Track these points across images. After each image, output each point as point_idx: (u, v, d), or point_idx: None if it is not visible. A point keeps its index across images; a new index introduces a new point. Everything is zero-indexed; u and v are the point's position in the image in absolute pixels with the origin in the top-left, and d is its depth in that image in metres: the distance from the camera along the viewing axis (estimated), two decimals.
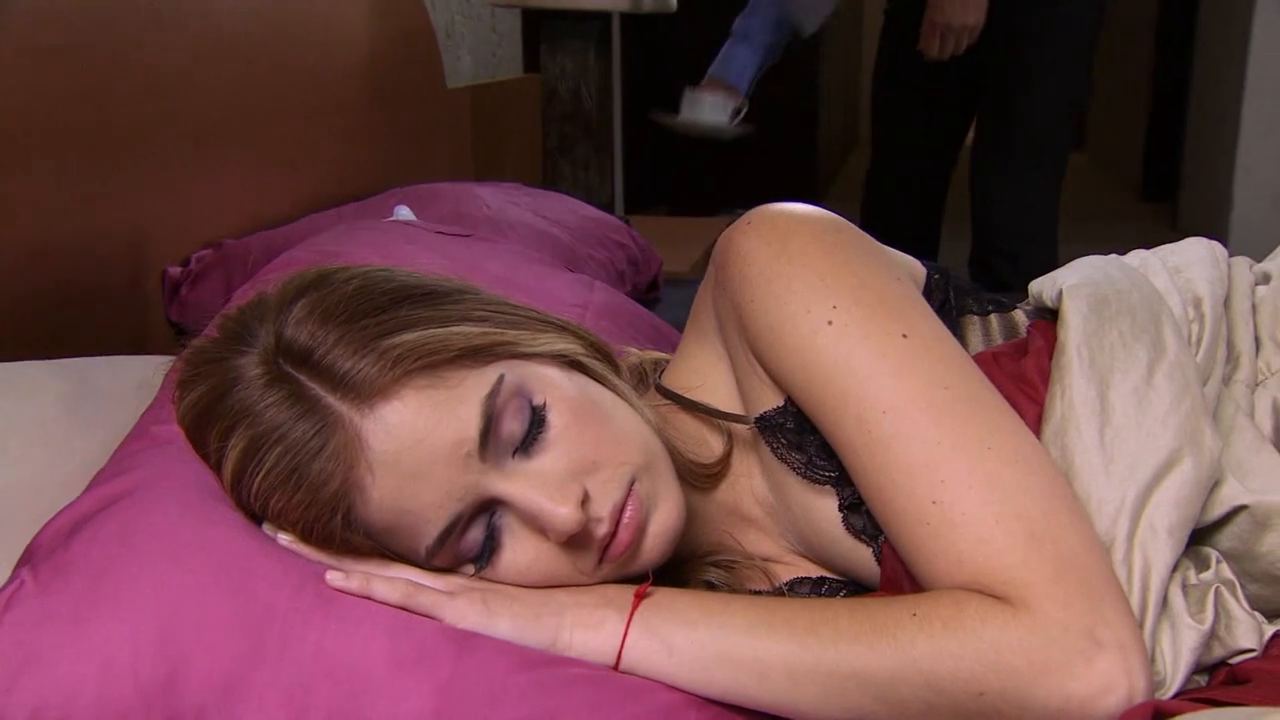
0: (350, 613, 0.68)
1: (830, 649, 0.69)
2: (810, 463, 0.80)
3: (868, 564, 0.80)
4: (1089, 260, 0.89)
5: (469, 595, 0.72)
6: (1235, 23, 3.90)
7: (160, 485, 0.73)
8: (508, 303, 0.79)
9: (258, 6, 1.66)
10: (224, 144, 1.55)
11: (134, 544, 0.68)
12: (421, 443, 0.69)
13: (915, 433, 0.72)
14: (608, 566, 0.74)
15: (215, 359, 0.73)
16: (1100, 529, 0.73)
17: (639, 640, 0.72)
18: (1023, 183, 2.25)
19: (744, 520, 0.86)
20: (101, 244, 1.33)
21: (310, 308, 0.71)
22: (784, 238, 0.78)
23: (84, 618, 0.64)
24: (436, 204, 1.64)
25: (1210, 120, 4.25)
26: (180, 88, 1.45)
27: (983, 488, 0.70)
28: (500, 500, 0.72)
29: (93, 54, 1.29)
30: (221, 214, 1.55)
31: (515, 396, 0.72)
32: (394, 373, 0.69)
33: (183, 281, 1.45)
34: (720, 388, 0.85)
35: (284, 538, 0.72)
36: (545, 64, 2.39)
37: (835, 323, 0.75)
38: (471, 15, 2.71)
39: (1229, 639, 0.72)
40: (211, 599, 0.66)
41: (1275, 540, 0.75)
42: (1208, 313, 0.83)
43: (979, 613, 0.67)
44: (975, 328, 0.87)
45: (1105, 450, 0.75)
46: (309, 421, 0.69)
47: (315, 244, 1.19)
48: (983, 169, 2.30)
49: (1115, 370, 0.77)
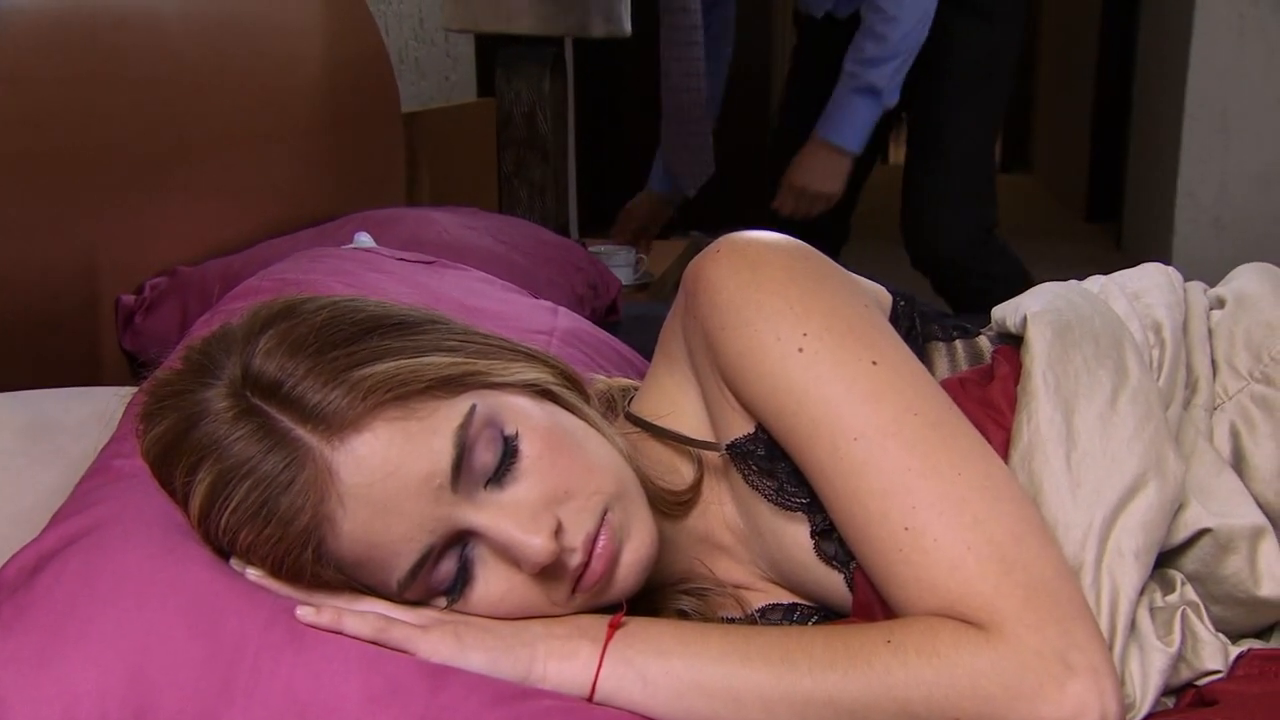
0: (321, 648, 0.67)
1: (805, 677, 0.69)
2: (781, 489, 0.80)
3: (840, 590, 0.81)
4: (1050, 287, 0.91)
5: (441, 628, 0.71)
6: (1174, 47, 4.00)
7: (125, 521, 0.72)
8: (477, 332, 0.79)
9: (211, 31, 1.64)
10: (177, 169, 1.53)
11: (99, 582, 0.67)
12: (393, 475, 0.68)
13: (886, 459, 0.72)
14: (581, 597, 0.74)
15: (180, 391, 0.72)
16: (1069, 553, 0.74)
17: (613, 671, 0.71)
18: (954, 205, 2.29)
19: (715, 548, 0.86)
20: (52, 271, 1.30)
21: (279, 339, 0.71)
22: (753, 265, 0.79)
23: (49, 660, 0.63)
24: (394, 229, 1.63)
25: (1152, 143, 4.35)
26: (131, 112, 1.43)
27: (954, 514, 0.70)
28: (473, 532, 0.71)
29: (41, 79, 1.27)
30: (175, 240, 1.53)
31: (487, 427, 0.72)
32: (365, 404, 0.68)
33: (137, 309, 1.43)
34: (690, 415, 0.85)
35: (253, 572, 0.71)
36: (500, 88, 2.39)
37: (805, 350, 0.75)
38: (425, 40, 2.71)
39: (1196, 661, 0.74)
40: (180, 637, 0.65)
41: (1238, 563, 0.76)
42: (1168, 338, 0.84)
43: (953, 639, 0.67)
44: (941, 354, 0.88)
45: (1072, 475, 0.76)
46: (278, 455, 0.68)
47: (277, 272, 1.17)
48: (912, 197, 2.34)
49: (1080, 396, 0.78)
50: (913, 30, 2.09)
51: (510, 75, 2.37)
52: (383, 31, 2.29)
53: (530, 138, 2.34)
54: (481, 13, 2.26)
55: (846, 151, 2.19)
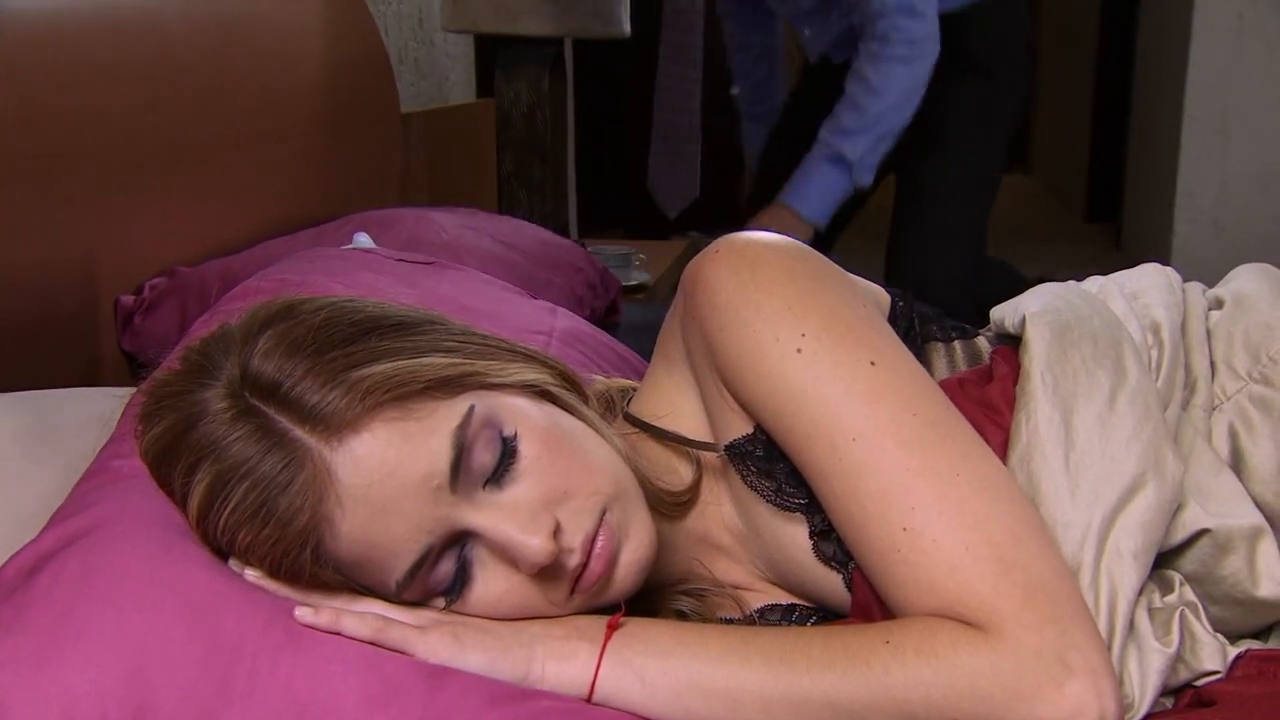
0: (320, 649, 0.67)
1: (804, 677, 0.69)
2: (780, 490, 0.80)
3: (838, 591, 0.81)
4: (1049, 287, 0.91)
5: (440, 629, 0.71)
6: (1173, 48, 4.00)
7: (123, 521, 0.72)
8: (475, 332, 0.79)
9: (210, 31, 1.64)
10: (176, 169, 1.53)
11: (98, 582, 0.67)
12: (391, 475, 0.68)
13: (885, 460, 0.72)
14: (579, 597, 0.74)
15: (179, 392, 0.72)
16: (1067, 553, 0.74)
17: (612, 671, 0.71)
18: (940, 260, 2.17)
19: (714, 548, 0.86)
20: (51, 271, 1.30)
21: (277, 339, 0.71)
22: (752, 266, 0.79)
23: (48, 660, 0.63)
24: (394, 229, 1.63)
25: (1151, 144, 4.35)
26: (130, 112, 1.43)
27: (952, 514, 0.70)
28: (471, 532, 0.71)
29: (40, 78, 1.27)
30: (174, 241, 1.53)
31: (486, 427, 0.72)
32: (364, 405, 0.68)
33: (136, 310, 1.43)
34: (689, 415, 0.85)
35: (251, 573, 0.71)
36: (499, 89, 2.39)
37: (804, 350, 0.75)
38: (425, 40, 2.71)
39: (1194, 661, 0.74)
40: (179, 638, 0.65)
41: (1236, 563, 0.76)
42: (1166, 339, 0.84)
43: (951, 639, 0.67)
44: (940, 354, 0.88)
45: (1070, 475, 0.76)
46: (277, 455, 0.68)
47: (277, 273, 1.17)
48: (898, 245, 2.23)
49: (1079, 396, 0.78)
50: (894, 107, 1.98)
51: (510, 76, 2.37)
52: (382, 32, 2.29)
53: (530, 138, 2.34)
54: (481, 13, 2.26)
55: (808, 221, 2.06)
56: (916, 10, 1.96)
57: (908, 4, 1.95)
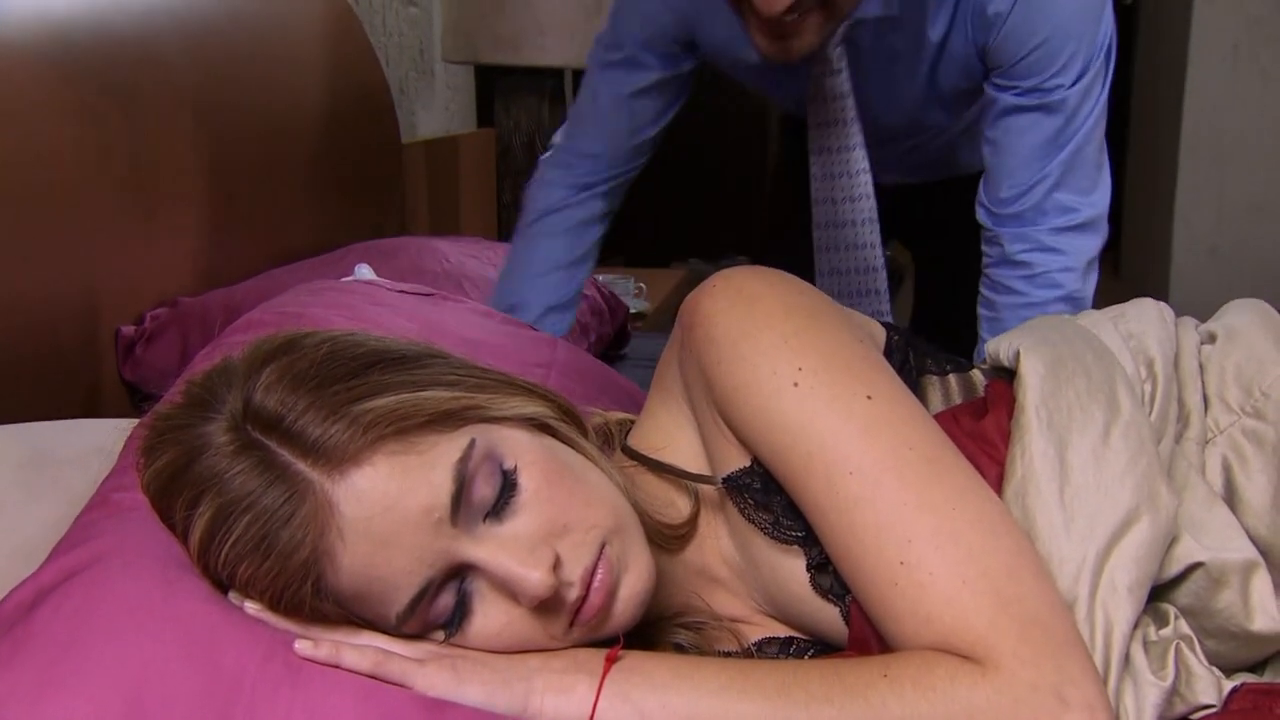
0: (319, 682, 0.67)
1: (802, 711, 0.69)
2: (777, 523, 0.81)
3: (835, 624, 0.81)
4: (1042, 320, 0.91)
5: (439, 662, 0.72)
6: (1169, 77, 4.03)
7: (124, 554, 0.72)
8: (476, 366, 0.79)
9: (211, 62, 1.66)
10: (177, 200, 1.54)
11: (98, 616, 0.67)
12: (392, 509, 0.69)
13: (882, 494, 0.73)
14: (579, 630, 0.74)
15: (181, 425, 0.73)
16: (1063, 587, 0.74)
17: (610, 705, 0.71)
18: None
19: (712, 581, 0.87)
20: (52, 302, 1.31)
21: (279, 373, 0.71)
22: (749, 300, 0.79)
23: (47, 694, 0.63)
24: (396, 258, 1.65)
25: (1148, 172, 4.37)
26: (131, 142, 1.44)
27: (949, 548, 0.71)
28: (471, 565, 0.72)
29: (42, 112, 1.28)
30: (175, 271, 1.54)
31: (486, 461, 0.72)
32: (365, 438, 0.68)
33: (137, 340, 1.44)
34: (686, 448, 0.86)
35: (252, 606, 0.72)
36: (499, 119, 2.41)
37: (801, 384, 0.76)
38: (425, 71, 2.73)
39: (1190, 695, 0.74)
40: (178, 670, 0.65)
41: (1230, 597, 0.77)
42: (1159, 372, 0.85)
43: (948, 673, 0.68)
44: (935, 388, 0.88)
45: (1065, 509, 0.76)
46: (278, 489, 0.68)
47: (278, 305, 1.18)
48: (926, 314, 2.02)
49: (1073, 430, 0.79)
50: None
51: (509, 105, 2.39)
52: (383, 62, 2.31)
53: (529, 167, 2.35)
54: (481, 44, 2.28)
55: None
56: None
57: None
